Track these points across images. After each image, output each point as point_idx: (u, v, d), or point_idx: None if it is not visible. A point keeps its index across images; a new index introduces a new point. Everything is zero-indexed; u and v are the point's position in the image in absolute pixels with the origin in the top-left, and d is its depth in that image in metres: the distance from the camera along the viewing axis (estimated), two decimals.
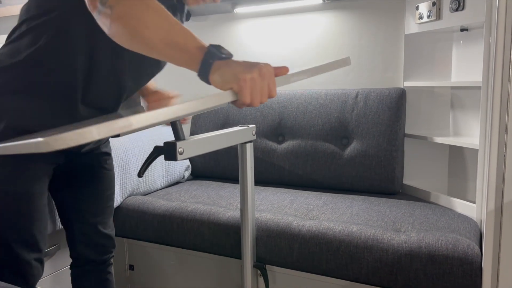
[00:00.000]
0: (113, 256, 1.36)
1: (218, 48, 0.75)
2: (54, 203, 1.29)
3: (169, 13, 0.79)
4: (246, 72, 0.72)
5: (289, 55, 2.25)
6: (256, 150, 2.10)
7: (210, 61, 0.74)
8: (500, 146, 1.22)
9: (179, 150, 0.89)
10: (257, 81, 0.72)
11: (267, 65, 0.75)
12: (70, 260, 1.33)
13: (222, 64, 0.73)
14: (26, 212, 1.06)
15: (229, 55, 0.77)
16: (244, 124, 2.17)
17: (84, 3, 0.83)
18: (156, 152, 0.96)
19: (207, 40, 2.53)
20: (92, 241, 1.28)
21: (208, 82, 0.77)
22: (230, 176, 2.17)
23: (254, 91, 0.73)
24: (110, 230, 1.33)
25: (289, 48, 2.25)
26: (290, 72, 0.84)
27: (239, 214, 1.52)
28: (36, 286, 1.13)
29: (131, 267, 1.87)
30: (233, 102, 0.75)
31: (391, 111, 1.88)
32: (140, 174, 1.03)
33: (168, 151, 0.90)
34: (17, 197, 1.04)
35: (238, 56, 2.36)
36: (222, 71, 0.73)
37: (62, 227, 1.33)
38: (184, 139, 0.98)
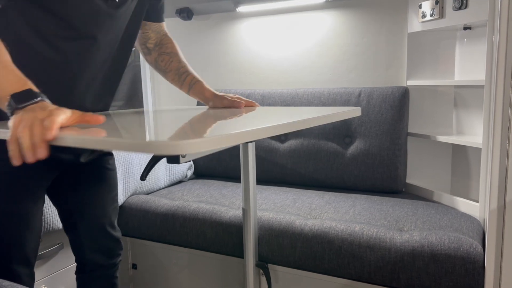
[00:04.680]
0: (121, 259, 1.32)
1: (20, 96, 0.77)
2: (55, 207, 1.26)
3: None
4: (22, 115, 0.74)
5: (291, 53, 2.25)
6: (258, 149, 2.10)
7: (10, 111, 0.77)
8: (503, 145, 1.22)
9: (182, 153, 0.88)
10: (24, 119, 0.73)
11: (50, 111, 0.74)
12: (74, 259, 1.29)
13: (19, 111, 0.76)
14: (21, 230, 1.05)
15: (29, 102, 0.77)
16: None
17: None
18: (158, 155, 0.95)
19: (209, 39, 2.51)
20: (100, 245, 1.25)
21: None
22: (233, 175, 2.17)
23: (21, 126, 0.72)
24: (117, 232, 1.30)
25: (291, 47, 2.24)
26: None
27: (242, 213, 1.52)
28: (39, 284, 1.13)
29: (134, 266, 1.87)
30: None
31: (394, 110, 1.88)
32: (143, 177, 1.02)
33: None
34: (12, 216, 1.03)
35: (241, 54, 2.37)
36: (13, 117, 0.75)
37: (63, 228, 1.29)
38: None
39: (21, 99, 0.76)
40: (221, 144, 0.67)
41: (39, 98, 0.78)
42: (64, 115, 0.75)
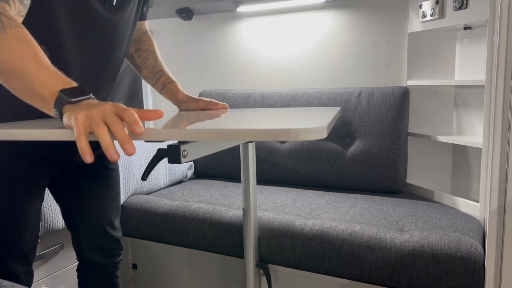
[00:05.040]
0: (121, 259, 1.33)
1: (70, 92, 0.73)
2: (58, 205, 1.26)
3: (37, 52, 0.77)
4: (82, 110, 0.69)
5: (291, 53, 2.25)
6: (259, 149, 2.10)
7: (60, 107, 0.73)
8: (503, 145, 1.22)
9: (183, 153, 0.88)
10: (94, 115, 0.67)
11: (114, 104, 0.70)
12: (74, 259, 1.30)
13: (71, 108, 0.71)
14: (18, 227, 1.05)
15: (81, 97, 0.73)
16: None
17: None
18: (159, 155, 0.95)
19: (209, 39, 2.51)
20: (99, 244, 1.25)
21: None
22: (233, 175, 2.17)
23: (92, 124, 0.67)
24: (117, 232, 1.29)
25: (291, 47, 2.24)
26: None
27: (242, 213, 1.52)
28: (40, 284, 1.13)
29: (134, 266, 1.87)
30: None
31: (394, 110, 1.88)
32: (144, 177, 1.02)
33: (171, 154, 0.89)
34: (9, 213, 1.04)
35: (241, 54, 2.37)
36: (69, 114, 0.70)
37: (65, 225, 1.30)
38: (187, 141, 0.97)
39: (72, 94, 0.72)
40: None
41: (91, 94, 0.74)
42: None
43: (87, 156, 0.67)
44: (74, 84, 0.75)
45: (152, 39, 1.35)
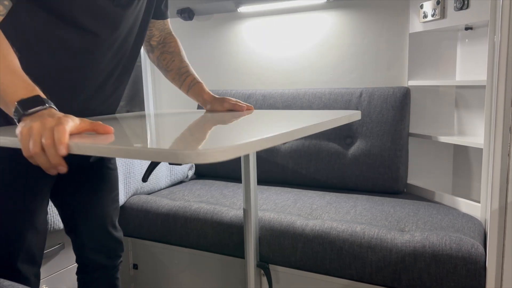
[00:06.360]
0: (121, 261, 1.33)
1: (26, 102, 0.75)
2: (57, 208, 1.26)
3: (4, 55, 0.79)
4: (28, 124, 0.72)
5: (292, 53, 2.25)
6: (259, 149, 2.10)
7: (17, 118, 0.76)
8: (504, 145, 1.22)
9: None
10: (33, 130, 0.70)
11: (56, 119, 0.72)
12: (75, 258, 1.29)
13: (25, 118, 0.75)
14: (28, 229, 1.05)
15: (36, 108, 0.75)
16: None
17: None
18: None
19: (210, 39, 2.51)
20: (102, 245, 1.25)
21: None
22: (234, 176, 2.17)
23: (32, 141, 0.70)
24: (119, 233, 1.30)
25: (292, 47, 2.24)
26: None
27: (242, 213, 1.52)
28: (40, 284, 1.13)
29: (135, 266, 1.87)
30: None
31: (395, 110, 1.87)
32: (145, 179, 1.01)
33: None
34: (20, 215, 1.04)
35: (242, 55, 2.37)
36: (20, 124, 0.74)
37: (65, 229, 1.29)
38: None
39: (28, 105, 0.75)
40: (245, 151, 0.69)
41: (46, 105, 0.76)
42: (72, 122, 0.73)
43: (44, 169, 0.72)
44: (36, 91, 0.78)
45: (177, 40, 1.35)
